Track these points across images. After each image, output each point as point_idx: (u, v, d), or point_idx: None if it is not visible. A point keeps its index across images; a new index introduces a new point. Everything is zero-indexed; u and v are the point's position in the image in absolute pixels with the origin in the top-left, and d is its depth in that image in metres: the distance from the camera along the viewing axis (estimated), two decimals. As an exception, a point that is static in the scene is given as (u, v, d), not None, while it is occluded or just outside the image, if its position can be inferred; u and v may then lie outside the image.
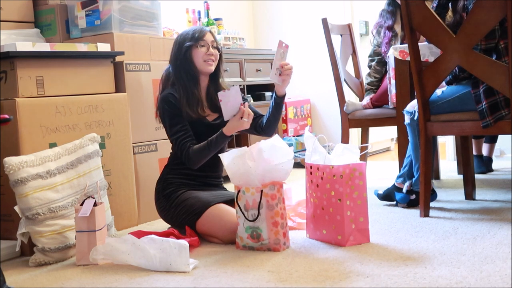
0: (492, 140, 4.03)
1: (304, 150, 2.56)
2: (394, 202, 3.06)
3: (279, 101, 2.65)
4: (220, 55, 2.76)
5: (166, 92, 2.67)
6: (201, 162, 2.61)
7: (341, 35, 4.10)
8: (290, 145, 3.45)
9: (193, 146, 2.59)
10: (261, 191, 2.30)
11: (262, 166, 2.30)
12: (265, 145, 2.33)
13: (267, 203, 2.30)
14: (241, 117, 2.51)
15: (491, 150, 4.04)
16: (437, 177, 3.85)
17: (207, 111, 2.72)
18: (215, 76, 2.77)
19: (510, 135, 2.58)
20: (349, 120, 3.76)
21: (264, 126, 2.71)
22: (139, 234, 2.37)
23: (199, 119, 2.66)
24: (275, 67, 2.56)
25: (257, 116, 2.74)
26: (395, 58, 3.17)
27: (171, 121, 2.64)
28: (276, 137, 2.38)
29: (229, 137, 2.59)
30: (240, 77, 4.44)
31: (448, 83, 2.81)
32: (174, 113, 2.63)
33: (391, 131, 5.32)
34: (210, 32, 2.75)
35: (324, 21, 3.79)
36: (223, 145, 2.62)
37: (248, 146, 2.38)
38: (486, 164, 3.97)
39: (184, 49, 2.68)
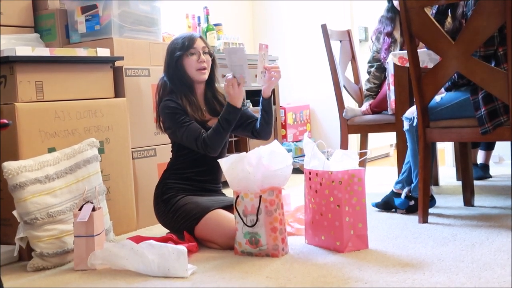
0: (489, 148, 4.03)
1: (303, 155, 2.56)
2: (393, 210, 3.06)
3: (265, 103, 2.66)
4: (213, 60, 2.75)
5: (167, 99, 2.65)
6: (218, 145, 2.57)
7: (340, 41, 4.10)
8: (289, 150, 3.45)
9: (205, 132, 2.57)
10: (260, 196, 2.30)
11: (261, 172, 2.30)
12: (264, 151, 2.33)
13: (266, 208, 2.30)
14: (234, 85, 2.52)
15: (487, 157, 4.04)
16: (436, 183, 3.85)
17: (207, 116, 2.72)
18: (210, 81, 2.76)
19: (509, 142, 2.58)
20: (348, 126, 3.77)
21: (259, 130, 2.72)
22: (138, 239, 2.36)
23: (201, 124, 2.65)
24: (259, 71, 2.58)
25: (252, 120, 2.75)
26: (394, 64, 3.18)
27: (178, 116, 2.60)
28: (275, 143, 2.38)
29: (239, 109, 2.55)
30: (240, 83, 4.44)
31: (447, 90, 2.82)
32: (178, 111, 2.61)
33: (390, 137, 5.32)
34: (201, 37, 2.72)
35: (324, 27, 3.80)
36: (234, 120, 2.56)
37: (247, 152, 2.38)
38: (482, 172, 3.98)
39: (175, 59, 2.67)
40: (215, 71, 2.78)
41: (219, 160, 2.39)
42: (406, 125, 2.92)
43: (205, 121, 2.67)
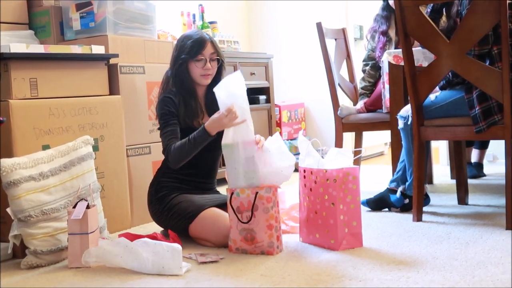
0: (483, 146, 4.05)
1: (298, 154, 2.56)
2: (384, 209, 3.06)
3: None
4: (221, 65, 2.70)
5: (167, 95, 2.65)
6: (180, 160, 2.52)
7: (335, 39, 4.10)
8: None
9: (174, 143, 2.53)
10: (256, 193, 2.31)
11: (266, 167, 2.31)
12: (272, 147, 2.34)
13: (263, 205, 2.30)
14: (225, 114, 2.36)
15: (481, 156, 4.06)
16: (430, 181, 3.86)
17: (205, 118, 2.71)
18: (214, 85, 2.72)
19: (503, 140, 2.59)
20: (343, 124, 3.77)
21: None
22: (127, 237, 2.35)
23: (193, 128, 2.64)
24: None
25: None
26: (389, 63, 3.18)
27: (165, 120, 2.61)
28: (276, 136, 2.38)
29: (210, 136, 2.45)
30: (235, 81, 4.44)
31: (441, 88, 2.82)
32: (169, 113, 2.60)
33: (385, 136, 5.31)
34: (211, 42, 2.66)
35: (319, 25, 3.80)
36: (201, 144, 2.48)
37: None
38: (476, 170, 4.00)
39: (180, 60, 2.64)
40: (221, 76, 2.72)
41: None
42: (400, 124, 2.93)
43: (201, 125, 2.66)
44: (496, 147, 4.45)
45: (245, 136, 2.38)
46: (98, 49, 2.91)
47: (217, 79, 2.71)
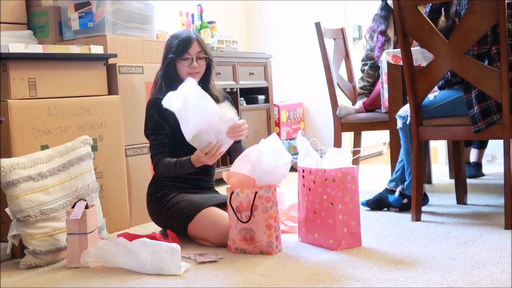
0: (481, 146, 4.05)
1: (297, 153, 2.57)
2: (384, 209, 3.06)
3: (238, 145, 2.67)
4: (209, 63, 2.72)
5: (155, 96, 2.67)
6: (167, 175, 2.64)
7: (334, 39, 4.11)
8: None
9: (164, 158, 2.60)
10: (256, 192, 2.31)
11: (261, 167, 2.31)
12: (266, 147, 2.34)
13: (262, 205, 2.30)
14: (206, 153, 2.46)
15: (480, 156, 4.06)
16: (429, 181, 3.86)
17: None
18: (203, 83, 2.73)
19: (501, 140, 2.59)
20: (342, 124, 3.77)
21: (231, 157, 2.71)
22: (125, 237, 2.35)
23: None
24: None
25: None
26: (388, 63, 3.18)
27: (152, 126, 2.65)
28: (274, 136, 2.38)
29: (195, 168, 2.55)
30: (233, 80, 4.44)
31: (440, 88, 2.82)
32: (157, 118, 2.63)
33: (384, 135, 5.33)
34: (198, 40, 2.69)
35: (318, 25, 3.80)
36: (186, 172, 2.58)
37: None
38: (475, 170, 4.00)
39: (168, 60, 2.68)
40: (210, 74, 2.75)
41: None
42: (399, 123, 2.93)
43: None
44: (495, 146, 4.46)
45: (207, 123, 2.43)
46: (96, 49, 2.91)
47: (206, 77, 2.73)
